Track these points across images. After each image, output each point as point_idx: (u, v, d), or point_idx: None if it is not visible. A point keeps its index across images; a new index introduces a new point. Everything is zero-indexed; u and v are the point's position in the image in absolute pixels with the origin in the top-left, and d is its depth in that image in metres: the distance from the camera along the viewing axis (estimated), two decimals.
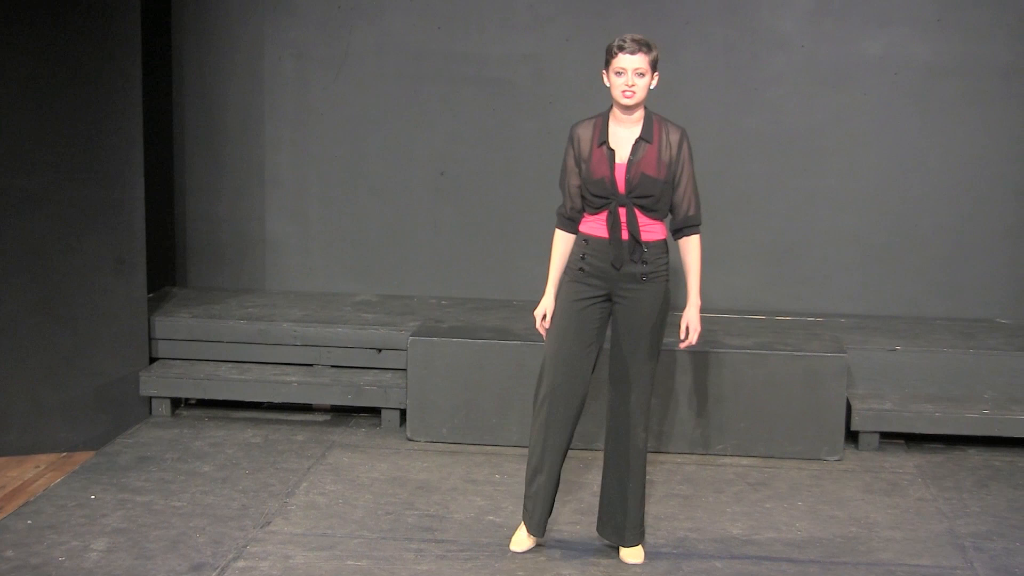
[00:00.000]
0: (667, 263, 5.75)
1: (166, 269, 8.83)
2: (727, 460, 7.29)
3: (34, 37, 7.22)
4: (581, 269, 5.75)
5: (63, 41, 7.28)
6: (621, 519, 5.92)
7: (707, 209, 8.45)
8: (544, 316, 5.86)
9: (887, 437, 7.56)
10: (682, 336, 5.81)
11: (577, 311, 5.75)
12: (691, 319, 5.79)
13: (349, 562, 5.83)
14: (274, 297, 8.72)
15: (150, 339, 7.97)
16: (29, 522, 6.21)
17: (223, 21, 8.72)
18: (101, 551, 5.89)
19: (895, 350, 7.77)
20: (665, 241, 5.74)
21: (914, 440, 7.60)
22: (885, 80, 8.42)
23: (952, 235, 8.52)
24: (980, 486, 6.96)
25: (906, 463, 7.29)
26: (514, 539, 6.02)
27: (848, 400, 7.43)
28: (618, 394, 5.83)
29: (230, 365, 8.01)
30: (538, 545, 6.01)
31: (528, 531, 5.98)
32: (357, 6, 8.65)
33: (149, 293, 8.07)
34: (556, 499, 6.04)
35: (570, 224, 5.81)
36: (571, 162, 5.74)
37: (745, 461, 7.28)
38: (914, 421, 7.44)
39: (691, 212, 5.75)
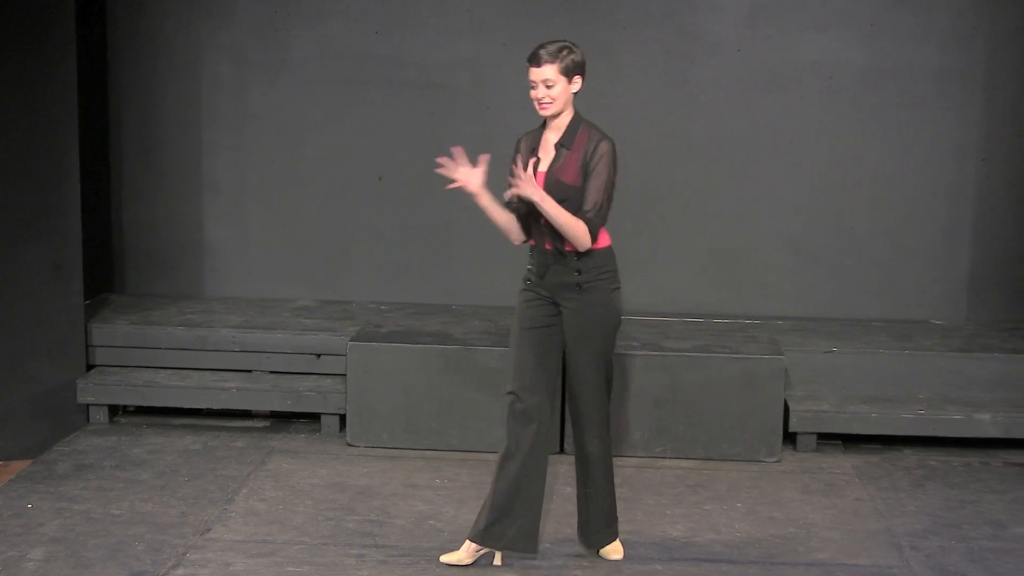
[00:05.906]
0: (608, 272, 5.69)
1: (103, 275, 8.75)
2: (666, 463, 7.33)
3: None
4: (528, 279, 5.80)
5: None
6: (584, 522, 5.99)
7: (645, 213, 8.61)
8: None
9: (824, 438, 7.62)
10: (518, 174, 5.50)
11: (530, 315, 5.76)
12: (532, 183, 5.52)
13: (290, 568, 5.82)
14: (212, 303, 8.67)
15: (87, 346, 7.92)
16: None
17: (160, 26, 8.66)
18: (38, 560, 5.85)
19: (832, 352, 7.84)
20: (604, 251, 5.68)
21: (851, 441, 7.66)
22: (820, 84, 8.49)
23: (887, 237, 8.60)
24: (916, 486, 7.03)
25: (843, 464, 7.36)
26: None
27: (786, 402, 7.48)
28: (571, 403, 5.89)
29: (168, 372, 7.96)
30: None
31: (469, 536, 5.90)
32: (295, 11, 8.61)
33: (86, 300, 8.01)
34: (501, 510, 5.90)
35: (510, 207, 5.71)
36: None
37: (684, 463, 7.31)
38: (851, 422, 7.51)
39: (585, 207, 5.56)
